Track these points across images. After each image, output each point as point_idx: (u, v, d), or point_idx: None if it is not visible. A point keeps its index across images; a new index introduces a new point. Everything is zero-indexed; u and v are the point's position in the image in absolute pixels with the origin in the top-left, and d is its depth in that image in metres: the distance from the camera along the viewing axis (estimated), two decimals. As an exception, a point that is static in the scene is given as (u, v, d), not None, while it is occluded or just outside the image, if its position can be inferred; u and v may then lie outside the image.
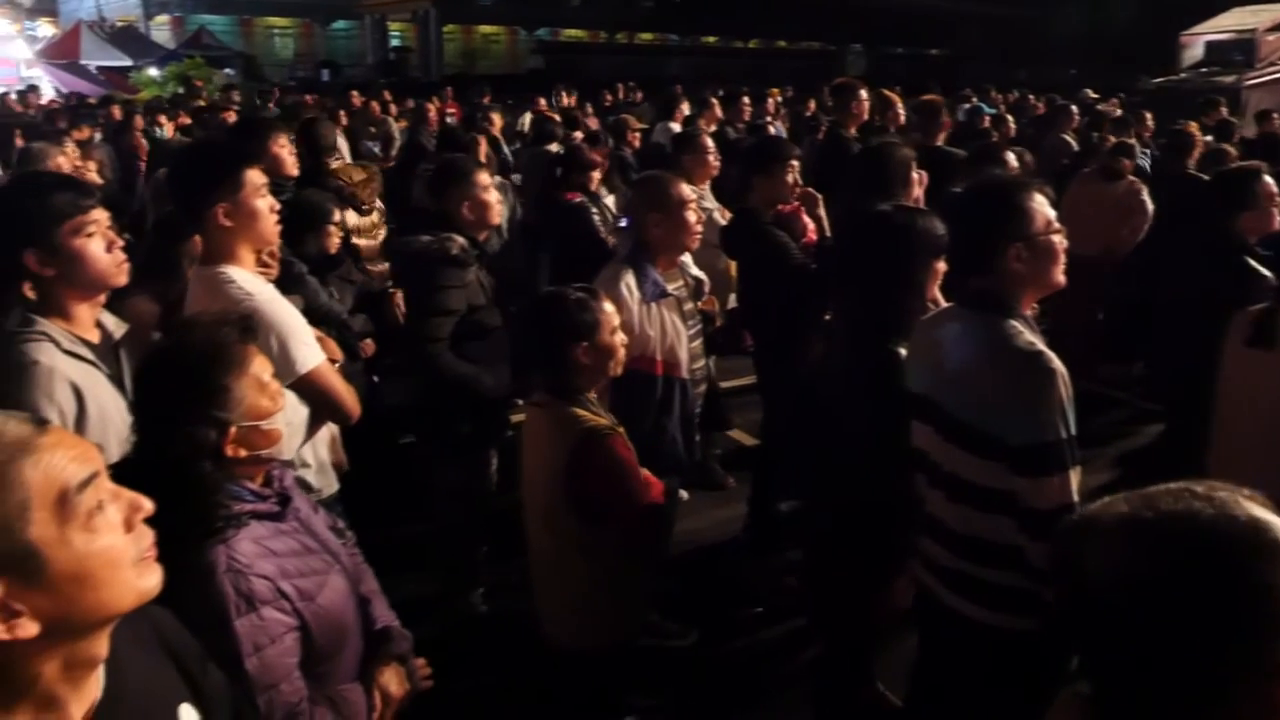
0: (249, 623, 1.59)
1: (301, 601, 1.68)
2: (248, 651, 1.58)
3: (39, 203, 2.05)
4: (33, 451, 0.99)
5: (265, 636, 1.61)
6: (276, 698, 1.62)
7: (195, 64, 20.38)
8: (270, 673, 1.61)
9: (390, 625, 2.04)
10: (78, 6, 36.59)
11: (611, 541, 2.42)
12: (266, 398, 1.72)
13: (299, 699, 1.67)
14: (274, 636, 1.62)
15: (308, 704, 1.68)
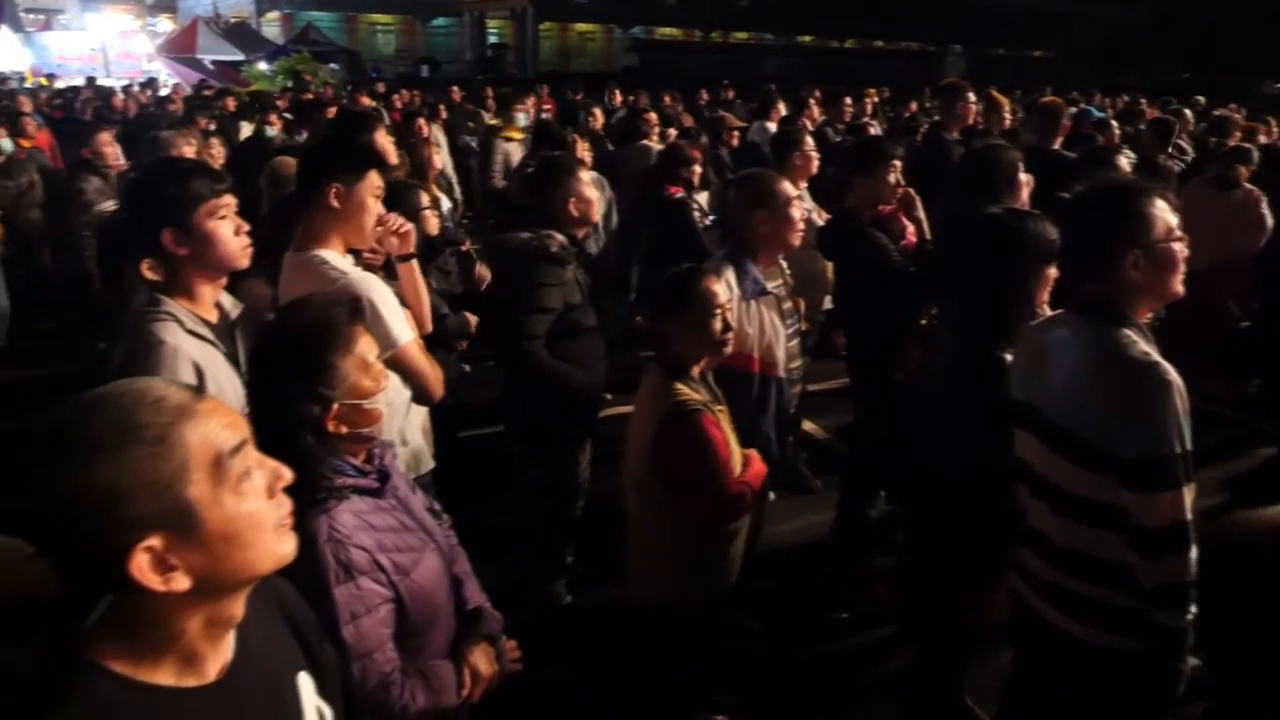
0: (347, 591, 1.65)
1: (397, 575, 1.73)
2: (345, 619, 1.64)
3: (179, 185, 2.15)
4: (192, 416, 1.05)
5: (362, 606, 1.67)
6: (370, 666, 1.67)
7: (303, 59, 21.02)
8: (365, 641, 1.67)
9: (482, 606, 2.08)
10: (195, 3, 38.18)
11: (688, 512, 2.54)
12: (369, 378, 1.77)
13: (391, 669, 1.72)
14: (370, 606, 1.68)
15: (399, 674, 1.73)
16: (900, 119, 11.49)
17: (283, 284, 2.59)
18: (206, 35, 23.87)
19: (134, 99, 13.75)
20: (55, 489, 0.99)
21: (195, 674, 1.11)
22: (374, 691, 1.68)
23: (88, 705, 1.02)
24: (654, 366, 2.64)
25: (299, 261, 2.54)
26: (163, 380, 1.11)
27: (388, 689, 1.71)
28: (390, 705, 1.71)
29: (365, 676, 1.67)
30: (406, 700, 1.73)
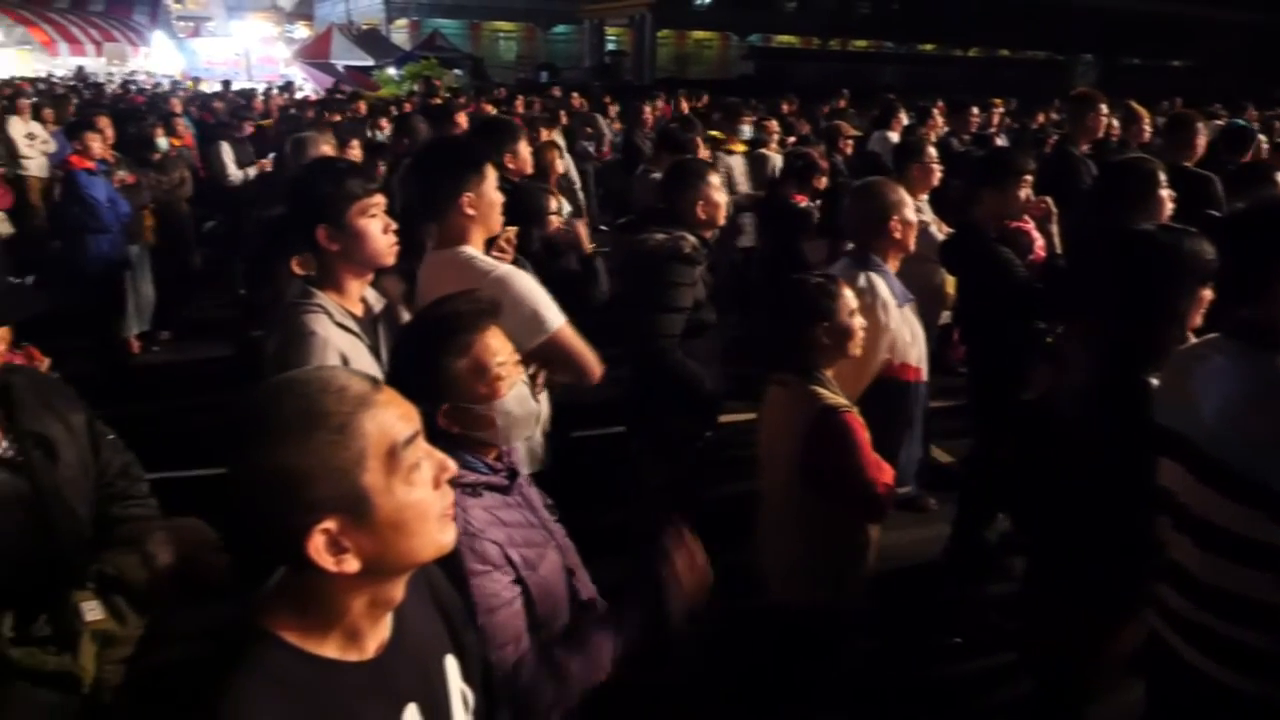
0: (483, 584, 1.68)
1: (525, 570, 1.76)
2: (482, 611, 1.67)
3: (335, 184, 2.26)
4: (371, 406, 1.11)
5: (497, 598, 1.70)
6: (507, 657, 1.69)
7: (430, 65, 21.73)
8: (503, 632, 1.69)
9: (594, 598, 2.10)
10: (330, 11, 39.94)
11: (837, 514, 2.59)
12: (484, 384, 1.76)
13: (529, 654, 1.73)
14: (505, 599, 1.71)
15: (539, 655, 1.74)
16: (1027, 131, 11.12)
17: (427, 280, 2.68)
18: (340, 41, 24.93)
19: (272, 101, 14.44)
20: (245, 468, 1.06)
21: (356, 650, 1.17)
22: (518, 677, 1.69)
23: (262, 671, 1.07)
24: (785, 374, 2.65)
25: (445, 259, 2.63)
26: (344, 370, 1.16)
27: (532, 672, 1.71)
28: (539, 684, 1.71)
29: (503, 667, 1.68)
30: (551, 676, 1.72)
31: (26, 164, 9.23)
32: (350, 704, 1.14)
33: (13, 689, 1.53)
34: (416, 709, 1.23)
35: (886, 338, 3.19)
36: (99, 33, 27.42)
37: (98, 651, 1.60)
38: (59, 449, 1.79)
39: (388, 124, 8.78)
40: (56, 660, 1.56)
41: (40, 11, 27.49)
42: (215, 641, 1.13)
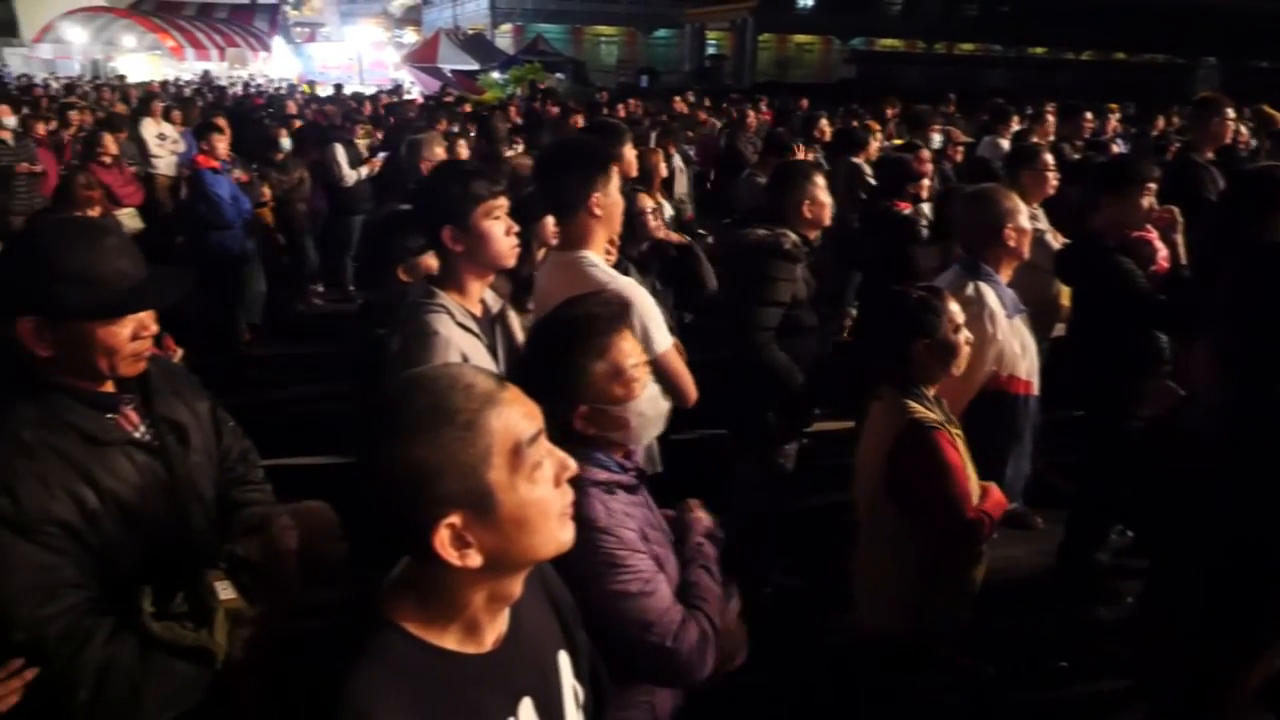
0: (633, 564, 1.71)
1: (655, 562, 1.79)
2: (637, 591, 1.70)
3: (461, 186, 2.30)
4: (497, 404, 1.13)
5: (645, 576, 1.73)
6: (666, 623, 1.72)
7: (533, 68, 22.09)
8: (658, 603, 1.72)
9: None
10: (438, 16, 40.99)
11: (922, 536, 2.48)
12: (620, 385, 1.78)
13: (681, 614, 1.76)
14: (651, 575, 1.74)
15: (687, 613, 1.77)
16: (1145, 136, 10.65)
17: (547, 282, 2.72)
18: (447, 46, 25.57)
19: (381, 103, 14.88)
20: (376, 461, 1.09)
21: (475, 642, 1.19)
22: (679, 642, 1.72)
23: (385, 659, 1.11)
24: (884, 385, 2.60)
25: (565, 261, 2.67)
26: (471, 368, 1.18)
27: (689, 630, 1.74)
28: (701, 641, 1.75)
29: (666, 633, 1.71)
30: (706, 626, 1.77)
31: (156, 163, 9.73)
32: (468, 695, 1.16)
33: (153, 660, 1.61)
34: (531, 703, 1.25)
35: (993, 349, 3.09)
36: (222, 39, 28.83)
37: (230, 629, 1.67)
38: (189, 434, 1.88)
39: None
40: (194, 636, 1.63)
41: (170, 19, 29.05)
42: (340, 628, 1.17)
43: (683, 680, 1.81)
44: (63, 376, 1.66)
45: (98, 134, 7.66)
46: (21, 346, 1.61)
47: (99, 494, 1.64)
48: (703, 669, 1.76)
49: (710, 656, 1.77)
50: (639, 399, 1.81)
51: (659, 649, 1.71)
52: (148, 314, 1.70)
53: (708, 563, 1.92)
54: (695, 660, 1.75)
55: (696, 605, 1.81)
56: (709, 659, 1.77)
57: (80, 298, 1.60)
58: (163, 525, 1.75)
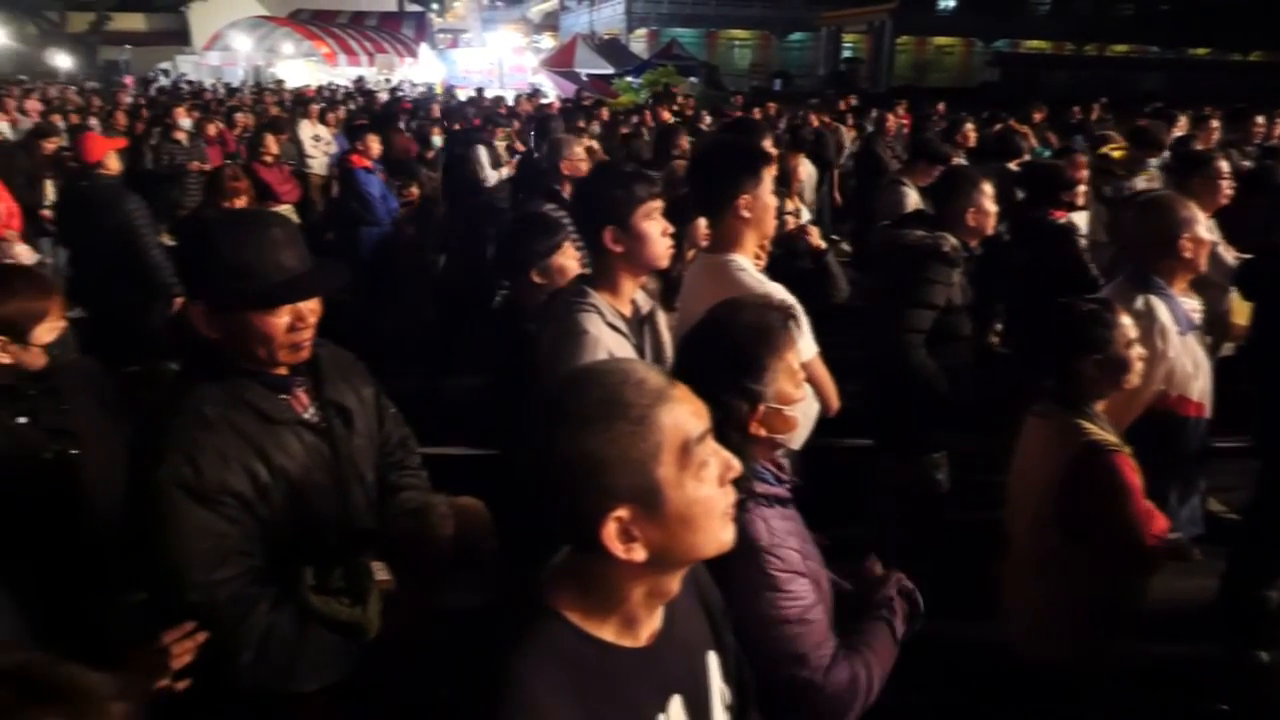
0: (793, 589, 1.68)
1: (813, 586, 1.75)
2: (793, 618, 1.66)
3: (624, 188, 2.33)
4: (667, 401, 1.13)
5: (804, 603, 1.70)
6: (823, 659, 1.68)
7: (666, 72, 22.23)
8: (816, 632, 1.69)
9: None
10: (574, 22, 41.81)
11: (1090, 562, 2.35)
12: (793, 385, 1.78)
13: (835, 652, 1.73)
14: (811, 603, 1.70)
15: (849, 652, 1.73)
16: (1327, 143, 9.86)
17: (694, 283, 2.73)
18: (583, 50, 26.03)
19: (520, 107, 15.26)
20: (549, 451, 1.11)
21: (631, 636, 1.20)
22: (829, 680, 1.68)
23: (546, 645, 1.13)
24: (1047, 403, 2.48)
25: (716, 263, 2.66)
26: (643, 364, 1.19)
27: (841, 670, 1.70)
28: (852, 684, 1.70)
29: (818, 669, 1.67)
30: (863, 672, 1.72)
31: (311, 163, 10.24)
32: (623, 687, 1.17)
33: (310, 630, 1.69)
34: (681, 701, 1.25)
35: (1163, 367, 2.92)
36: (372, 45, 30.17)
37: (382, 608, 1.74)
38: (354, 418, 1.96)
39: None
40: (349, 612, 1.71)
41: (325, 27, 30.61)
42: (503, 611, 1.19)
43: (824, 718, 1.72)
44: (240, 358, 1.75)
45: (261, 135, 8.11)
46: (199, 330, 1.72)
47: (270, 469, 1.73)
48: (846, 712, 1.70)
49: (858, 706, 1.70)
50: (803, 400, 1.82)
51: (807, 684, 1.66)
52: (307, 304, 1.75)
53: (891, 618, 1.84)
54: (842, 704, 1.69)
55: (859, 650, 1.75)
56: (856, 707, 1.70)
57: (237, 288, 1.67)
58: (325, 503, 1.83)
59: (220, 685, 1.65)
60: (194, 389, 1.73)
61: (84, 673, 0.81)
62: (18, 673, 0.78)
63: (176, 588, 1.63)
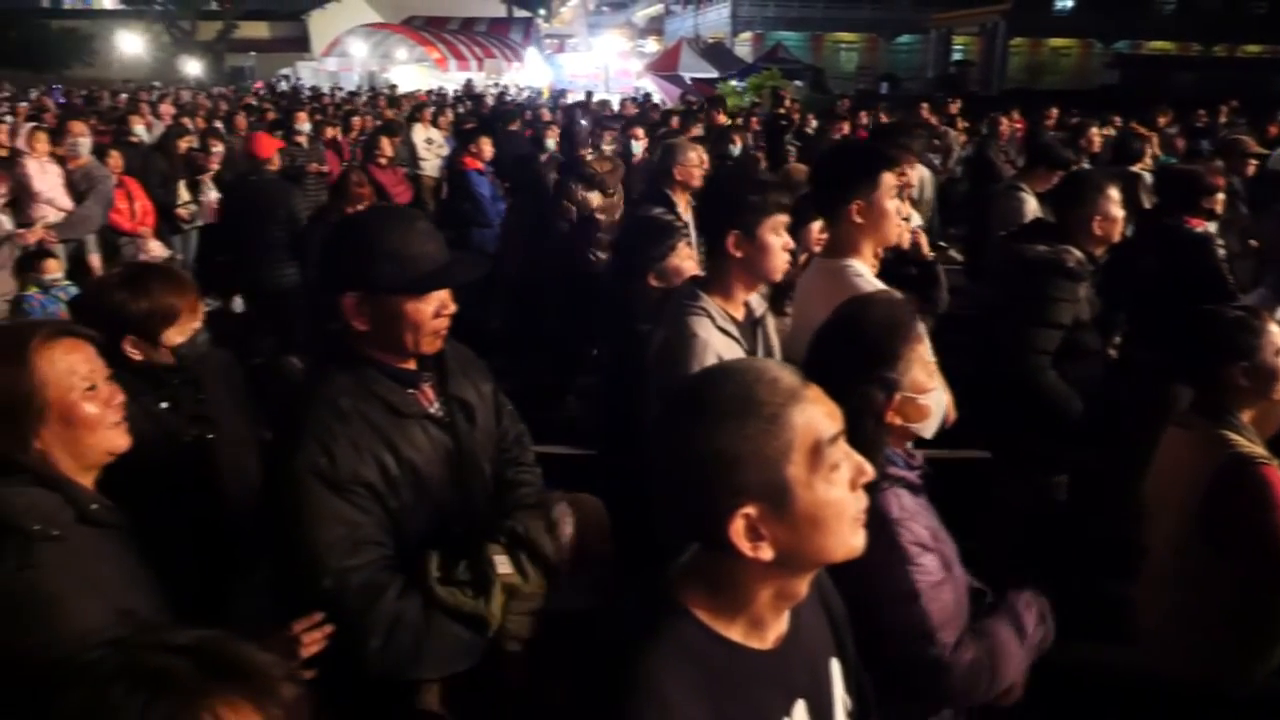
0: (921, 563, 1.70)
1: (944, 567, 1.76)
2: (923, 591, 1.68)
3: (760, 195, 2.34)
4: (800, 401, 1.13)
5: (933, 577, 1.71)
6: (946, 641, 1.69)
7: (771, 76, 22.04)
8: (942, 613, 1.70)
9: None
10: (679, 25, 41.95)
11: (1238, 578, 2.26)
12: (926, 374, 1.82)
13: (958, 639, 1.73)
14: (936, 582, 1.71)
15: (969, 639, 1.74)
16: None
17: (808, 288, 2.71)
18: (688, 54, 26.06)
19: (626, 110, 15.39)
20: (681, 446, 1.12)
21: (758, 638, 1.20)
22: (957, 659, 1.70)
23: (676, 642, 1.13)
24: (1190, 414, 2.41)
25: (831, 268, 2.64)
26: (776, 363, 1.20)
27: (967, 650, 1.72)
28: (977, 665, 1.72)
29: (946, 645, 1.69)
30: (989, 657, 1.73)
31: (423, 165, 10.53)
32: (750, 688, 1.17)
33: (435, 619, 1.74)
34: (805, 706, 1.24)
35: None
36: (481, 50, 30.89)
37: (504, 602, 1.77)
38: (476, 413, 2.01)
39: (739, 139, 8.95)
40: (472, 604, 1.75)
41: (436, 33, 31.49)
42: (632, 608, 1.20)
43: (950, 701, 1.75)
44: (374, 351, 1.82)
45: (377, 138, 8.37)
46: (344, 320, 1.78)
47: (398, 461, 1.78)
48: (971, 695, 1.71)
49: (981, 689, 1.71)
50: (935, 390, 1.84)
51: (935, 662, 1.66)
52: (447, 295, 1.83)
53: (1021, 623, 1.84)
54: (965, 684, 1.70)
55: (982, 639, 1.75)
56: (980, 689, 1.70)
57: (395, 274, 1.75)
58: (448, 496, 1.88)
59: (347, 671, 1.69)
60: (329, 380, 1.79)
61: (257, 651, 0.83)
62: (197, 647, 0.79)
63: (310, 573, 1.69)
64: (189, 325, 2.27)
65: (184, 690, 0.75)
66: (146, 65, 37.48)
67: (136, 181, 7.21)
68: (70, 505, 1.58)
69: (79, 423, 1.61)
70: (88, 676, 0.76)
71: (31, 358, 1.56)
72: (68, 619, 1.43)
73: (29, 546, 1.47)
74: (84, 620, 1.42)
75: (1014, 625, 1.82)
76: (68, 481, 1.60)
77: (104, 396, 1.66)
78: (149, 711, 0.73)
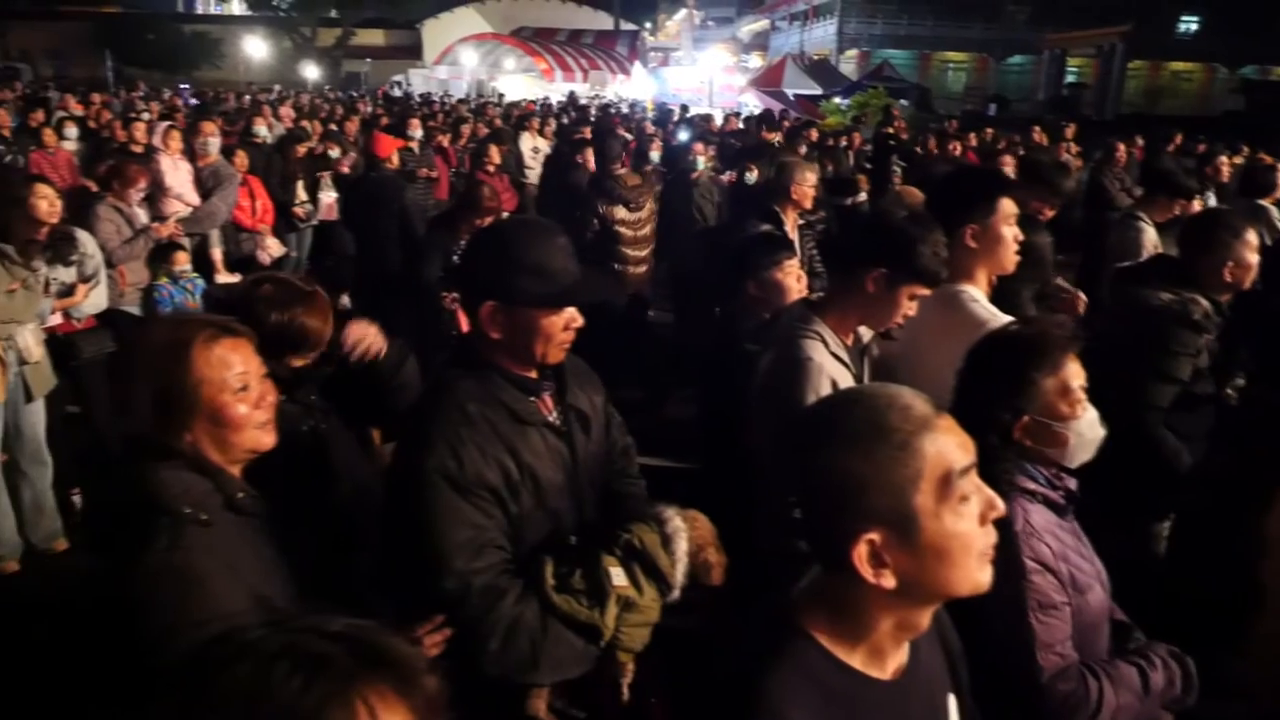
0: (1037, 581, 1.70)
1: (1072, 589, 1.75)
2: (1032, 607, 1.68)
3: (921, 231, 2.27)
4: (932, 430, 1.13)
5: (1048, 598, 1.70)
6: (1051, 661, 1.69)
7: (877, 94, 21.76)
8: (1050, 634, 1.69)
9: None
10: (784, 42, 41.81)
11: None
12: (1066, 403, 1.81)
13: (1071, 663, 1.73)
14: (1054, 603, 1.70)
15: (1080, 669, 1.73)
16: None
17: (923, 311, 2.67)
18: (792, 71, 25.97)
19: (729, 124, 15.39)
20: (811, 468, 1.14)
21: (878, 667, 1.19)
22: (1054, 684, 1.70)
23: (798, 666, 1.14)
24: None
25: (946, 294, 2.60)
26: (910, 390, 1.19)
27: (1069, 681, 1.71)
28: (1074, 698, 1.71)
29: (1046, 668, 1.70)
30: (1094, 694, 1.72)
31: (529, 173, 10.72)
32: (868, 717, 1.17)
33: (551, 625, 1.76)
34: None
35: None
36: (587, 62, 31.36)
37: (618, 614, 1.79)
38: (590, 424, 2.05)
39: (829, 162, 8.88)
40: (588, 613, 1.77)
41: (544, 44, 32.12)
42: (752, 629, 1.21)
43: None
44: (501, 359, 1.87)
45: (486, 145, 8.57)
46: (478, 328, 1.84)
47: (519, 467, 1.82)
48: None
49: None
50: (1080, 420, 1.84)
51: (1031, 681, 1.66)
52: (576, 309, 1.87)
53: (1148, 667, 1.80)
54: (1061, 714, 1.69)
55: (1097, 673, 1.71)
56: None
57: (534, 287, 1.79)
58: (562, 503, 1.91)
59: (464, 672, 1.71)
60: (457, 385, 1.85)
61: (402, 643, 0.84)
62: (349, 635, 0.81)
63: (434, 573, 1.72)
64: (312, 355, 2.32)
65: (339, 676, 0.77)
66: (269, 69, 39.21)
67: (259, 180, 7.54)
68: (219, 492, 1.66)
69: (226, 422, 1.69)
70: (252, 654, 0.78)
71: (192, 355, 1.65)
72: (212, 600, 1.50)
73: (181, 528, 1.56)
74: (226, 602, 1.50)
75: (1139, 675, 1.77)
76: (218, 470, 1.69)
77: (255, 397, 1.74)
78: (307, 693, 0.75)
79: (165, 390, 1.64)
